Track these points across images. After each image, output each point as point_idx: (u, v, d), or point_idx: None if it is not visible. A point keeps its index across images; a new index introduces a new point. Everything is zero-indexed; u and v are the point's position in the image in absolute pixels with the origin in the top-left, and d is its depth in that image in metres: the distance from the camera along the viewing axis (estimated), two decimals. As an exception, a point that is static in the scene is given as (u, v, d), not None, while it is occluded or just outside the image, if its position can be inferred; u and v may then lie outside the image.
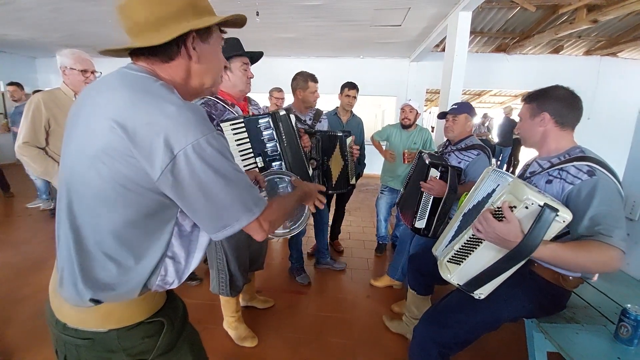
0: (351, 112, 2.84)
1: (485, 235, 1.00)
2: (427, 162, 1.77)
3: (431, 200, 1.75)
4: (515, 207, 0.95)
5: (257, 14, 3.63)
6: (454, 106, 1.97)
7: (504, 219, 0.95)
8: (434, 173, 1.73)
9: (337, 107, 2.79)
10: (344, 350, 1.77)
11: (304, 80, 2.19)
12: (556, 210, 0.88)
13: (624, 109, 5.43)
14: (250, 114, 1.63)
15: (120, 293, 0.65)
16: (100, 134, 0.58)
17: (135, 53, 0.68)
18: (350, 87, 2.67)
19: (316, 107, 2.37)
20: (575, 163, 1.07)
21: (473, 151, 1.84)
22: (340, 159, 2.17)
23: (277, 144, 1.51)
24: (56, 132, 1.79)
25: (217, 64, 0.75)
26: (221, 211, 0.65)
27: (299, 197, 0.97)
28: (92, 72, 1.85)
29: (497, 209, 0.99)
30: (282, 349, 1.78)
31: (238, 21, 0.75)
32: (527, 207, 0.92)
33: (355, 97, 2.68)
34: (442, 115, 2.07)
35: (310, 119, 2.33)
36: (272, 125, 1.50)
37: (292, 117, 1.59)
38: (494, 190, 1.15)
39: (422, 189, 1.76)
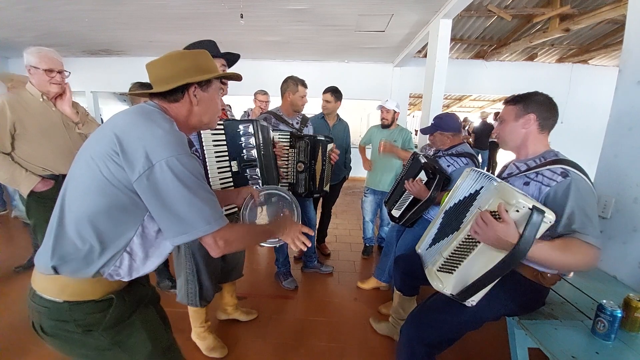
0: (337, 116, 2.86)
1: (484, 237, 1.01)
2: (422, 161, 1.84)
3: (411, 197, 1.87)
4: (506, 210, 0.98)
5: (242, 17, 3.61)
6: (426, 127, 2.10)
7: (501, 220, 0.97)
8: (422, 176, 1.81)
9: None
10: (332, 354, 1.77)
11: (294, 84, 2.20)
12: (543, 212, 0.93)
13: (595, 114, 5.71)
14: (230, 118, 1.63)
15: (76, 270, 0.77)
16: (103, 141, 0.78)
17: (153, 95, 0.92)
18: (324, 91, 2.72)
19: (302, 113, 2.38)
20: (549, 166, 1.12)
21: (463, 159, 1.89)
22: (320, 164, 2.19)
23: (255, 151, 1.52)
24: (22, 136, 1.66)
25: (214, 107, 0.98)
26: (181, 218, 0.78)
27: (272, 231, 1.08)
28: (59, 72, 1.72)
29: (493, 212, 1.01)
30: (269, 355, 1.75)
31: (233, 76, 1.00)
32: (517, 211, 0.96)
33: (328, 101, 2.70)
34: (424, 132, 2.16)
35: (297, 123, 2.33)
36: (252, 132, 1.50)
37: (270, 128, 1.65)
38: (477, 192, 1.18)
39: (407, 189, 1.85)
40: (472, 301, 1.09)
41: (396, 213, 1.96)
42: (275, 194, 1.39)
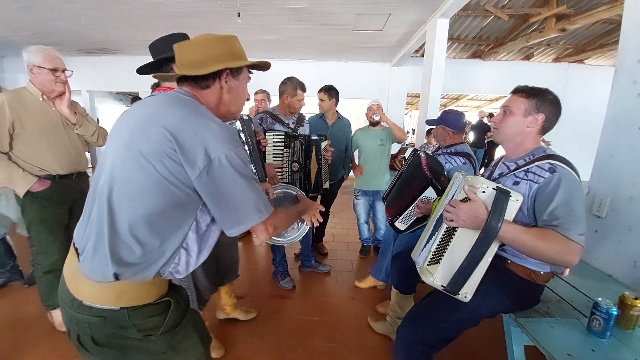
0: (337, 114, 2.86)
1: (457, 220, 1.07)
2: (427, 176, 1.61)
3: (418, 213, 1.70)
4: (474, 193, 1.07)
5: (239, 15, 3.60)
6: (432, 119, 2.09)
7: (469, 200, 1.06)
8: (431, 193, 1.62)
9: None
10: (330, 353, 1.77)
11: (293, 88, 2.21)
12: (508, 191, 1.03)
13: (591, 113, 5.75)
14: None
15: (138, 273, 0.75)
16: (155, 138, 0.73)
17: (181, 80, 0.88)
18: (318, 90, 2.71)
19: (299, 112, 2.38)
20: (537, 163, 1.12)
21: (461, 158, 1.89)
22: (315, 163, 2.19)
23: (246, 147, 1.52)
24: (22, 135, 1.64)
25: (243, 96, 0.95)
26: (238, 210, 0.79)
27: (300, 211, 1.16)
28: (63, 71, 1.71)
29: (463, 199, 1.09)
30: (266, 354, 1.75)
31: (262, 65, 0.94)
32: (484, 192, 1.06)
33: (322, 100, 2.69)
34: (429, 123, 2.17)
35: (293, 122, 2.33)
36: (241, 128, 1.50)
37: (251, 120, 1.66)
38: (456, 191, 1.20)
39: (416, 207, 1.67)
40: (466, 294, 1.09)
41: (401, 226, 1.80)
42: (287, 192, 1.42)
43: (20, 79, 6.63)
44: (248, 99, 1.01)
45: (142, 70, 1.33)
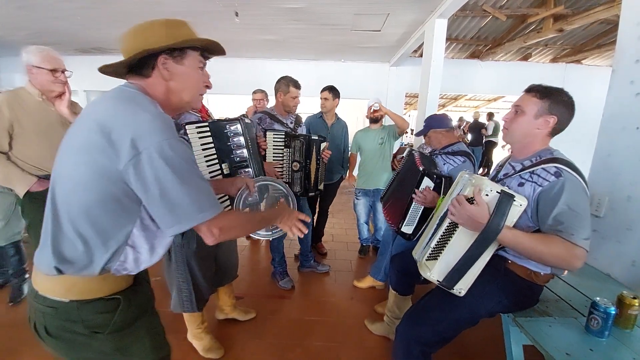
0: (336, 115, 2.86)
1: (459, 217, 1.08)
2: (420, 169, 1.68)
3: (422, 208, 1.69)
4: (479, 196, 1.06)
5: (237, 15, 3.59)
6: (420, 128, 2.12)
7: (474, 202, 1.07)
8: (428, 183, 1.66)
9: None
10: (328, 353, 1.76)
11: (286, 85, 2.20)
12: (512, 195, 1.03)
13: (588, 113, 5.76)
14: (214, 118, 1.61)
15: (81, 269, 0.74)
16: (86, 132, 0.72)
17: (130, 74, 0.84)
18: (322, 89, 2.73)
19: (296, 113, 2.38)
20: (543, 165, 1.11)
21: (460, 157, 1.89)
22: (315, 163, 2.20)
23: (245, 150, 1.49)
24: (20, 135, 1.64)
25: (194, 82, 0.87)
26: (175, 208, 0.73)
27: (269, 219, 1.06)
28: (63, 71, 1.71)
29: (469, 198, 1.09)
30: (265, 355, 1.74)
31: (212, 46, 0.88)
32: (487, 195, 1.07)
33: (327, 99, 2.71)
34: (418, 134, 2.19)
35: (291, 122, 2.33)
36: (240, 131, 1.47)
37: (252, 124, 1.65)
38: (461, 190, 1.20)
39: (413, 199, 1.68)
40: (460, 289, 1.11)
41: (408, 229, 1.74)
42: (270, 185, 1.37)
43: (17, 79, 6.59)
44: (209, 87, 0.94)
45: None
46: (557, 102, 1.12)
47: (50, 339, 0.77)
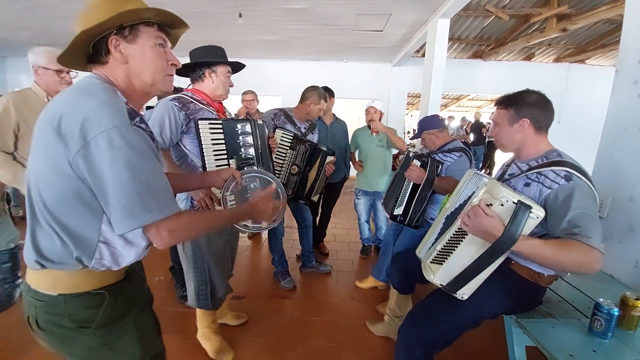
0: (334, 115, 2.86)
1: (472, 228, 1.03)
2: (411, 155, 1.93)
3: (410, 186, 1.86)
4: (491, 204, 1.00)
5: (240, 16, 3.60)
6: (415, 132, 2.15)
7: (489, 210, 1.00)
8: (416, 162, 1.87)
9: None
10: (330, 353, 1.77)
11: (319, 97, 2.26)
12: (529, 207, 0.96)
13: (592, 113, 5.74)
14: (229, 117, 1.65)
15: (59, 264, 0.73)
16: (42, 126, 0.69)
17: (89, 63, 0.80)
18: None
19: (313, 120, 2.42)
20: (553, 168, 1.10)
21: (456, 153, 1.92)
22: (315, 173, 2.21)
23: (253, 149, 1.55)
24: (26, 135, 1.65)
25: (153, 61, 0.79)
26: (121, 204, 0.68)
27: (237, 215, 1.02)
28: (68, 72, 1.73)
29: (488, 205, 1.03)
30: (267, 354, 1.75)
31: (167, 19, 0.80)
32: (502, 205, 0.99)
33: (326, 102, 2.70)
34: (414, 137, 2.21)
35: (304, 128, 2.35)
36: (249, 131, 1.53)
37: (265, 126, 1.68)
38: (474, 193, 1.18)
39: (404, 177, 1.89)
40: (464, 294, 1.10)
41: (398, 211, 1.91)
42: (259, 177, 1.37)
43: (22, 80, 6.65)
44: (177, 65, 0.86)
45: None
46: (520, 106, 1.17)
47: (42, 332, 0.77)
